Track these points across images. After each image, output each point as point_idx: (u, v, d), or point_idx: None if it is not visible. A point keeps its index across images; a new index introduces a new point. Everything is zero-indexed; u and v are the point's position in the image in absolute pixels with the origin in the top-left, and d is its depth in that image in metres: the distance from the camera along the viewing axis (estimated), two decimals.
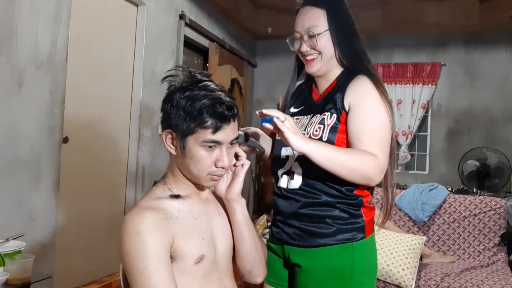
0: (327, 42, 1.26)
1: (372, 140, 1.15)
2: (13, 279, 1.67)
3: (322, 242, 1.20)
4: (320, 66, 1.29)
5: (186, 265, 1.02)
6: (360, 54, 1.29)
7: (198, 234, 1.05)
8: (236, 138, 1.05)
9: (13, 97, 2.29)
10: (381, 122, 1.18)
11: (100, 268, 3.07)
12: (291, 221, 1.25)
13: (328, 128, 1.21)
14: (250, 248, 1.15)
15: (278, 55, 5.58)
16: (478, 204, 2.96)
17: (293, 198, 1.24)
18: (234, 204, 1.13)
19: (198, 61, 4.60)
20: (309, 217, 1.22)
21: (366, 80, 1.22)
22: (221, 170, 1.04)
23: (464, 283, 2.36)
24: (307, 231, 1.22)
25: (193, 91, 1.00)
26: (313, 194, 1.22)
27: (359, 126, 1.18)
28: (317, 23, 1.26)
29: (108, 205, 3.17)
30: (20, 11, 2.30)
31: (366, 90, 1.20)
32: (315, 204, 1.22)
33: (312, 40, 1.26)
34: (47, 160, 2.51)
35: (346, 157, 1.11)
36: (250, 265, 1.17)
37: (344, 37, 1.27)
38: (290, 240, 1.25)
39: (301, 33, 1.28)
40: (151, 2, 3.43)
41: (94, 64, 2.97)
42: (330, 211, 1.21)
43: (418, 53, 5.01)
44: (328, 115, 1.22)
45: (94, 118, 2.98)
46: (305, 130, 1.25)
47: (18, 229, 2.20)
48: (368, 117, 1.18)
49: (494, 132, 4.76)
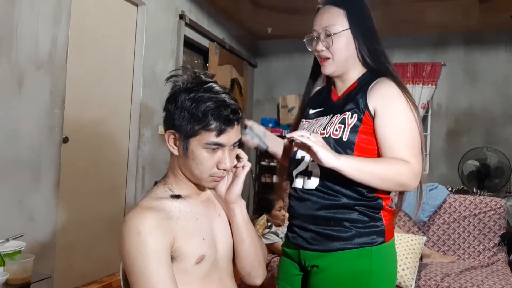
0: (344, 42, 1.24)
1: (403, 146, 1.14)
2: (13, 279, 1.67)
3: (339, 246, 1.17)
4: (334, 68, 1.27)
5: (187, 265, 1.02)
6: (381, 55, 1.27)
7: (199, 234, 1.05)
8: (238, 140, 1.06)
9: (13, 97, 2.29)
10: (411, 126, 1.16)
11: (100, 268, 3.07)
12: (307, 224, 1.22)
13: (349, 128, 1.18)
14: (249, 250, 1.15)
15: (278, 55, 5.58)
16: (478, 204, 2.97)
17: (310, 199, 1.22)
18: (233, 206, 1.13)
19: (198, 61, 4.60)
20: (327, 220, 1.19)
21: (391, 83, 1.20)
22: (222, 172, 1.05)
23: (464, 283, 2.36)
24: (324, 235, 1.19)
25: (198, 92, 1.00)
26: (331, 196, 1.19)
27: (389, 132, 1.16)
28: (335, 23, 1.24)
29: (108, 205, 3.17)
30: (20, 11, 2.30)
31: (392, 94, 1.18)
32: (333, 206, 1.19)
33: (327, 39, 1.25)
34: (47, 160, 2.51)
35: (379, 167, 1.10)
36: (250, 267, 1.17)
37: (365, 37, 1.25)
38: (307, 245, 1.22)
39: (319, 31, 1.27)
40: (151, 2, 3.43)
41: (94, 64, 2.97)
42: (348, 214, 1.18)
43: (418, 53, 5.01)
44: (349, 114, 1.20)
45: (94, 118, 2.98)
46: (324, 129, 1.23)
47: (18, 229, 2.20)
48: (397, 122, 1.16)
49: (494, 132, 4.75)
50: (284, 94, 5.42)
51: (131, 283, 0.95)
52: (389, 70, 1.24)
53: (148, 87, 3.40)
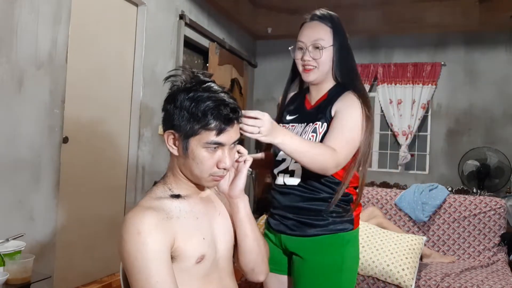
0: (329, 56, 1.41)
1: (340, 137, 1.30)
2: (13, 279, 1.67)
3: (316, 232, 1.37)
4: (317, 76, 1.43)
5: (187, 265, 1.02)
6: (353, 72, 1.45)
7: (199, 234, 1.05)
8: (238, 139, 1.06)
9: (13, 97, 2.29)
10: (354, 126, 1.32)
11: (100, 268, 3.07)
12: (289, 214, 1.40)
13: (320, 136, 1.36)
14: (253, 245, 1.15)
15: (278, 55, 5.58)
16: (478, 204, 2.96)
17: (292, 193, 1.40)
18: (237, 201, 1.13)
19: (198, 61, 4.60)
20: (308, 210, 1.38)
21: (354, 97, 1.37)
22: (222, 171, 1.05)
23: (464, 283, 2.36)
24: (304, 223, 1.38)
25: (197, 92, 1.00)
26: (311, 191, 1.38)
27: (336, 125, 1.34)
28: (324, 38, 1.40)
29: (108, 205, 3.17)
30: (20, 11, 2.30)
31: (351, 103, 1.36)
32: (313, 199, 1.38)
33: (316, 51, 1.40)
34: (47, 160, 2.51)
35: (308, 148, 1.23)
36: (253, 262, 1.17)
37: (343, 55, 1.42)
38: (288, 231, 1.41)
39: (306, 44, 1.41)
40: (151, 2, 3.43)
41: (94, 64, 2.97)
42: (326, 205, 1.37)
43: (418, 53, 5.01)
44: (319, 124, 1.38)
45: (94, 118, 2.98)
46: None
47: (18, 229, 2.20)
48: (345, 120, 1.33)
49: (494, 132, 4.76)
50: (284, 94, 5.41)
51: (131, 283, 0.95)
52: (356, 86, 1.42)
53: (148, 87, 3.41)
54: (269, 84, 5.65)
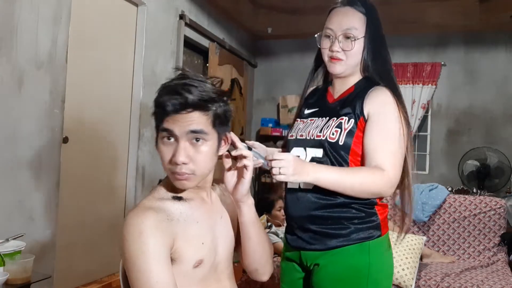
0: (360, 48, 1.27)
1: (385, 152, 1.18)
2: (13, 279, 1.67)
3: (338, 244, 1.21)
4: (344, 69, 1.29)
5: (185, 268, 1.01)
6: (388, 65, 1.31)
7: (198, 239, 1.04)
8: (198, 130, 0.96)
9: (13, 97, 2.29)
10: (396, 135, 1.20)
11: (100, 268, 3.07)
12: (305, 224, 1.25)
13: (345, 132, 1.22)
14: (256, 248, 1.14)
15: (278, 55, 5.58)
16: (478, 204, 2.96)
17: (307, 200, 1.24)
18: (240, 204, 1.10)
19: (198, 61, 4.60)
20: (324, 219, 1.22)
21: (388, 93, 1.24)
22: (180, 167, 0.97)
23: (464, 283, 2.36)
24: (323, 233, 1.23)
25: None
26: (328, 196, 1.22)
27: (375, 136, 1.20)
28: (357, 27, 1.26)
29: (108, 205, 3.17)
30: (20, 11, 2.30)
31: (386, 102, 1.22)
32: (330, 205, 1.22)
33: (347, 42, 1.26)
34: (47, 160, 2.51)
35: (354, 179, 1.15)
36: (256, 263, 1.17)
37: (377, 46, 1.28)
38: (307, 245, 1.25)
39: (336, 32, 1.27)
40: (151, 2, 3.43)
41: (94, 64, 2.97)
42: (345, 212, 1.21)
43: (418, 53, 5.01)
44: (346, 119, 1.24)
45: (94, 118, 2.98)
46: (321, 132, 1.26)
47: (18, 229, 2.20)
48: (385, 128, 1.20)
49: (494, 132, 4.75)
50: (284, 94, 5.42)
51: (131, 282, 0.95)
52: (392, 80, 1.28)
53: (148, 87, 3.40)
54: (269, 84, 5.65)
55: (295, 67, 5.41)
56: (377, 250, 1.23)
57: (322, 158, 1.24)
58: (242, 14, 4.84)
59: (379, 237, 1.23)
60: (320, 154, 1.25)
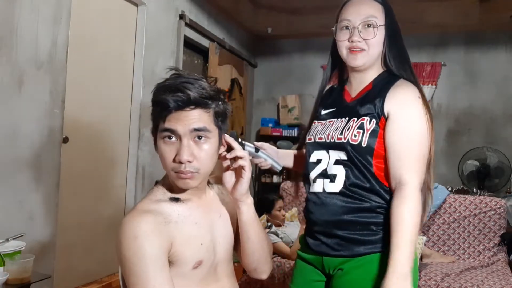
0: (382, 37, 1.21)
1: (407, 160, 1.12)
2: (13, 279, 1.67)
3: (366, 251, 1.15)
4: (366, 60, 1.21)
5: (184, 270, 1.01)
6: (405, 57, 1.25)
7: (197, 240, 1.03)
8: (201, 128, 0.96)
9: (13, 97, 2.28)
10: (420, 137, 1.14)
11: (100, 268, 3.07)
12: (332, 230, 1.18)
13: (368, 133, 1.16)
14: (255, 247, 1.14)
15: (278, 55, 5.58)
16: (478, 204, 2.96)
17: (333, 204, 1.18)
18: (240, 204, 1.10)
19: (198, 61, 4.60)
20: (353, 224, 1.16)
21: (410, 87, 1.17)
22: (183, 166, 0.97)
23: (464, 283, 2.36)
24: (351, 240, 1.16)
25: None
26: (356, 200, 1.16)
27: (398, 140, 1.14)
28: (377, 15, 1.20)
29: (108, 205, 3.17)
30: (20, 11, 2.30)
31: (408, 99, 1.16)
32: (358, 210, 1.16)
33: (368, 30, 1.19)
34: (47, 160, 2.51)
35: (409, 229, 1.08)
36: (256, 263, 1.16)
37: (396, 37, 1.24)
38: (331, 251, 1.19)
39: (355, 22, 1.20)
40: (151, 2, 3.43)
41: (94, 64, 2.97)
42: (375, 217, 1.15)
43: (418, 53, 5.00)
44: (368, 119, 1.17)
45: (94, 118, 2.98)
46: (342, 134, 1.19)
47: (18, 229, 2.20)
48: (407, 130, 1.14)
49: (494, 132, 4.75)
50: (284, 94, 5.42)
51: (128, 286, 0.95)
52: (411, 73, 1.22)
53: (148, 87, 3.40)
54: (269, 84, 5.65)
55: (295, 67, 5.41)
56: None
57: (347, 160, 1.18)
58: (242, 14, 4.84)
59: None
60: (344, 156, 1.18)
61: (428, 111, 1.16)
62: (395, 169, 1.14)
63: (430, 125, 1.15)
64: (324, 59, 6.12)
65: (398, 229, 1.08)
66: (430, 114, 1.17)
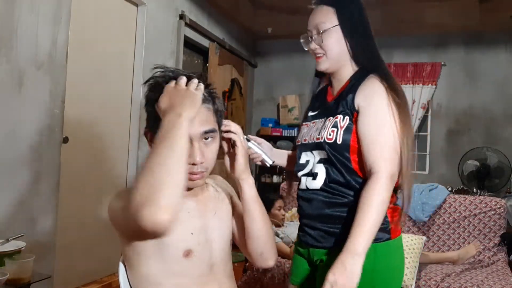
0: (335, 38, 1.26)
1: (376, 147, 1.16)
2: (13, 279, 1.67)
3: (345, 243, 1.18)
4: (328, 65, 1.29)
5: (174, 254, 1.01)
6: (372, 51, 1.29)
7: (186, 227, 1.03)
8: (210, 131, 1.02)
9: (13, 97, 2.29)
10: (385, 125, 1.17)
11: (100, 268, 3.07)
12: (315, 223, 1.26)
13: (342, 130, 1.21)
14: (261, 230, 1.12)
15: (278, 55, 5.58)
16: (478, 204, 2.96)
17: (316, 199, 1.26)
18: (241, 182, 1.11)
19: (198, 61, 4.60)
20: (333, 218, 1.22)
21: (375, 81, 1.21)
22: (197, 167, 1.01)
23: (464, 283, 2.36)
24: (331, 233, 1.23)
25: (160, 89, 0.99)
26: (335, 195, 1.23)
27: (367, 131, 1.18)
28: (325, 20, 1.27)
29: None
30: (20, 11, 2.30)
31: (374, 91, 1.20)
32: (337, 204, 1.22)
33: (320, 36, 1.27)
34: (47, 160, 2.51)
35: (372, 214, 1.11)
36: (262, 247, 1.14)
37: (354, 33, 1.26)
38: (315, 243, 1.26)
39: (311, 31, 1.30)
40: (151, 2, 3.43)
41: (94, 64, 2.97)
42: (353, 212, 1.17)
43: (418, 53, 5.01)
44: (341, 117, 1.23)
45: (94, 118, 2.98)
46: (319, 134, 1.26)
47: (18, 229, 2.20)
48: (375, 121, 1.18)
49: (494, 132, 4.76)
50: (284, 94, 5.42)
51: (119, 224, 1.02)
52: (379, 67, 1.26)
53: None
54: (269, 84, 5.65)
55: (295, 67, 5.41)
56: (384, 254, 1.19)
57: (327, 159, 1.24)
58: (242, 14, 4.84)
59: (387, 241, 1.20)
60: (324, 155, 1.25)
61: (396, 104, 1.18)
62: (366, 159, 1.18)
63: (398, 118, 1.17)
64: None
65: (363, 211, 1.12)
66: (399, 107, 1.18)
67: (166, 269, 1.00)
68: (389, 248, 1.21)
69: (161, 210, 0.81)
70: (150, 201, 0.81)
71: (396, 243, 1.24)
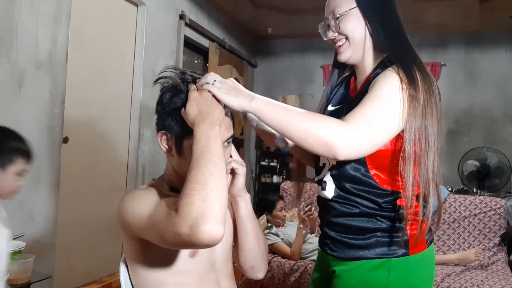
0: (354, 22, 1.10)
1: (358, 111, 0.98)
2: (13, 279, 1.67)
3: (356, 255, 1.09)
4: (350, 53, 1.13)
5: (182, 256, 1.01)
6: (396, 34, 1.10)
7: None
8: (231, 136, 1.05)
9: (13, 97, 2.28)
10: (384, 103, 0.99)
11: (100, 268, 3.07)
12: (328, 230, 1.16)
13: None
14: (253, 244, 1.15)
15: (278, 55, 5.58)
16: (478, 204, 2.96)
17: (328, 205, 1.14)
18: (238, 199, 1.13)
19: (198, 61, 4.60)
20: (344, 227, 1.11)
21: (391, 73, 1.02)
22: None
23: (464, 283, 2.36)
24: (342, 242, 1.11)
25: (180, 92, 1.00)
26: (348, 205, 1.10)
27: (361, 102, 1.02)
28: (341, 4, 1.11)
29: (108, 205, 3.16)
30: (20, 11, 2.30)
31: (386, 78, 1.03)
32: (350, 214, 1.10)
33: (336, 23, 1.11)
34: (47, 160, 2.51)
35: (300, 116, 0.97)
36: (253, 260, 1.17)
37: (376, 14, 1.10)
38: (328, 250, 1.16)
39: (328, 18, 1.14)
40: (151, 2, 3.43)
41: (94, 64, 2.97)
42: (367, 222, 1.08)
43: (418, 53, 4.90)
44: None
45: (94, 118, 2.98)
46: None
47: (18, 229, 2.20)
48: (371, 95, 1.01)
49: (494, 132, 4.75)
50: (284, 94, 5.42)
51: (140, 229, 0.93)
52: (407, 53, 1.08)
53: (148, 87, 3.40)
54: (269, 84, 5.65)
55: (295, 67, 5.41)
56: (400, 270, 1.06)
57: (338, 164, 1.11)
58: (242, 14, 4.84)
59: (405, 256, 1.06)
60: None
61: (410, 97, 0.99)
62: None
63: (406, 106, 0.99)
64: (324, 59, 6.13)
65: (303, 110, 1.00)
66: (411, 99, 1.00)
67: (171, 268, 1.01)
68: (406, 264, 1.07)
69: (219, 224, 0.80)
70: (208, 216, 0.79)
71: (417, 259, 1.09)
